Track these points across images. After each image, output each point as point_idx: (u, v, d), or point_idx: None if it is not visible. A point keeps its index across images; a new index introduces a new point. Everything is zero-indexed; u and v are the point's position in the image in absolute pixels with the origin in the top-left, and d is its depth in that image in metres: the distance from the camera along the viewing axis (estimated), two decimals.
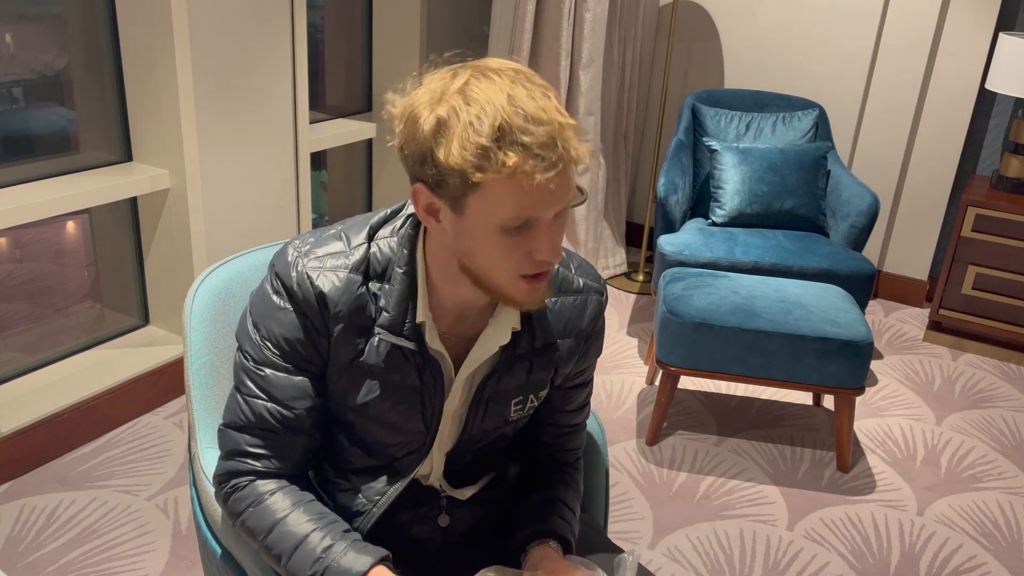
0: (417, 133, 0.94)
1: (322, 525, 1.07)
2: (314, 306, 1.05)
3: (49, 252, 2.60)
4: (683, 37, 3.90)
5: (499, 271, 0.98)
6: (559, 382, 1.22)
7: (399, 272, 1.06)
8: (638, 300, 3.65)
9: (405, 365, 1.08)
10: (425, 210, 0.99)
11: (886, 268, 3.81)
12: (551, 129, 0.91)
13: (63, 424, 2.34)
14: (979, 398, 3.04)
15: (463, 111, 0.91)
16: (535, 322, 1.13)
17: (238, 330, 1.11)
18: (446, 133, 0.91)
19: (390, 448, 1.14)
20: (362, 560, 1.04)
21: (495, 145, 0.89)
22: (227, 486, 1.11)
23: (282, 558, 1.06)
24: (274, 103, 2.69)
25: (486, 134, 0.89)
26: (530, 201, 0.92)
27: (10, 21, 2.26)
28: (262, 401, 1.08)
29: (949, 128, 3.52)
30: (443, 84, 0.95)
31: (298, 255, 1.06)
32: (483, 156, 0.90)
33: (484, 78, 0.93)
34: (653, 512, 2.32)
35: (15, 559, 1.98)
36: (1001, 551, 2.27)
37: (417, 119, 0.94)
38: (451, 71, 0.96)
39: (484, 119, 0.90)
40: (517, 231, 0.95)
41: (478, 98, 0.91)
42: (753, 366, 2.45)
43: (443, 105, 0.92)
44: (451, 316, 1.10)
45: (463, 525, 1.24)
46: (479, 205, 0.93)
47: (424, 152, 0.94)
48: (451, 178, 0.92)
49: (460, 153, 0.90)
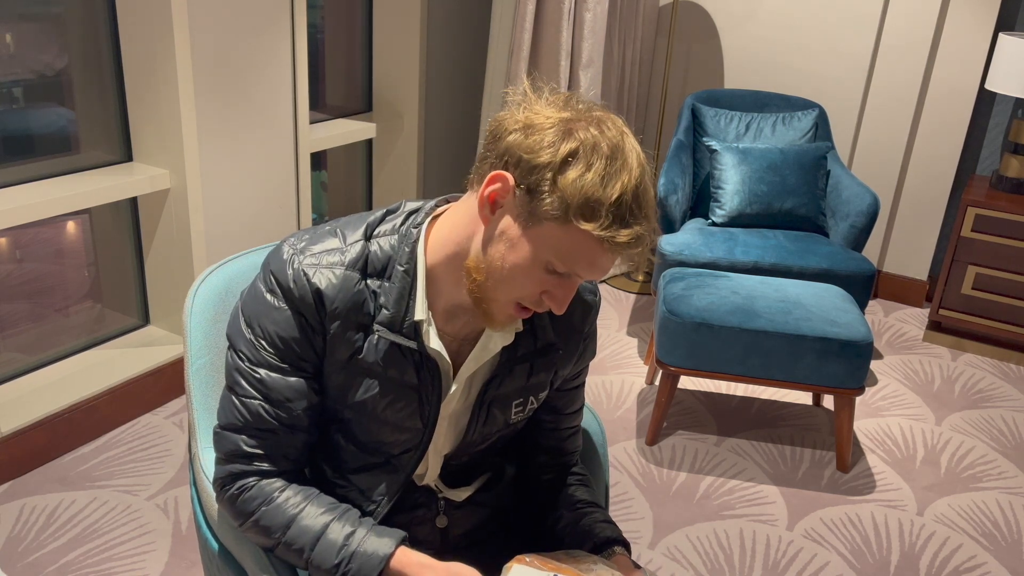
0: (542, 141, 0.95)
1: (338, 514, 1.09)
2: (310, 304, 1.04)
3: (49, 252, 2.60)
4: (683, 37, 3.90)
5: (507, 291, 1.01)
6: (558, 384, 1.23)
7: (399, 270, 1.06)
8: (638, 300, 3.65)
9: (403, 363, 1.09)
10: (491, 195, 0.99)
11: (886, 268, 3.81)
12: (649, 228, 0.96)
13: (63, 424, 2.34)
14: (979, 398, 3.04)
15: (602, 158, 0.94)
16: (535, 323, 1.14)
17: (230, 329, 1.10)
18: (576, 168, 0.94)
19: (386, 446, 1.14)
20: (385, 542, 1.06)
21: (610, 211, 0.93)
22: (232, 488, 1.10)
23: (304, 551, 1.07)
24: (274, 103, 2.69)
25: (610, 197, 0.93)
26: (590, 265, 0.98)
27: (10, 21, 2.26)
28: (258, 401, 1.07)
29: (949, 128, 3.52)
30: (581, 115, 0.97)
31: (294, 252, 1.06)
32: (594, 212, 0.93)
33: (627, 143, 0.96)
34: (653, 512, 2.32)
35: (15, 559, 1.98)
36: (1001, 551, 2.27)
37: (545, 129, 0.96)
38: (591, 107, 1.00)
39: (614, 182, 0.93)
40: (555, 274, 0.99)
41: (619, 158, 0.94)
42: (753, 366, 2.45)
43: (584, 136, 0.94)
44: (446, 315, 1.10)
45: (461, 527, 1.24)
46: (552, 235, 0.96)
47: (543, 162, 0.95)
48: (553, 200, 0.94)
49: (577, 194, 0.93)
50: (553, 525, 1.28)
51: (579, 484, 1.30)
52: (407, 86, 3.43)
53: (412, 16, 3.33)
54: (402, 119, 3.49)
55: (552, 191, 0.94)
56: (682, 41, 3.91)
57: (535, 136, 0.95)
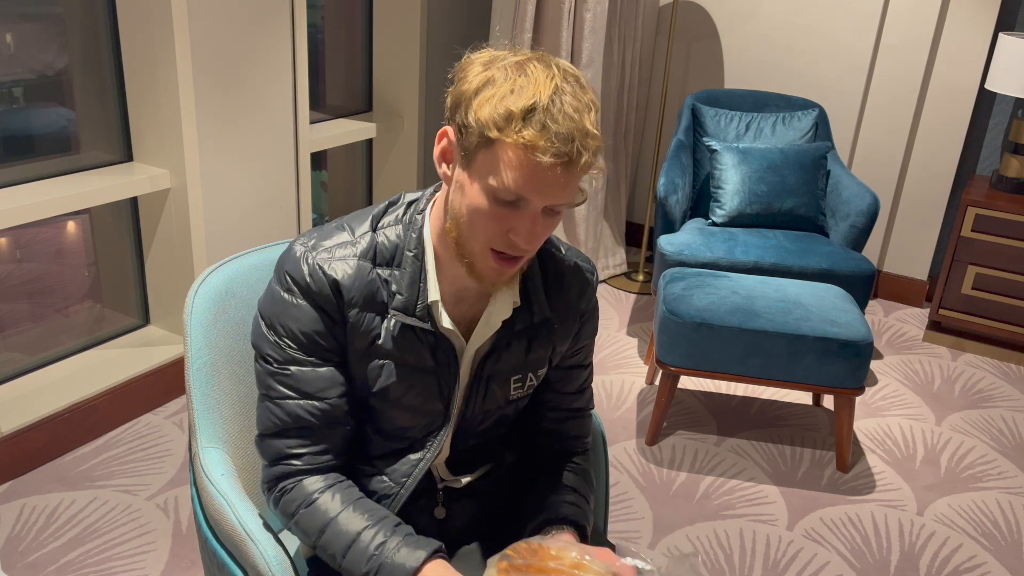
0: (465, 81, 0.99)
1: (373, 522, 1.09)
2: (328, 295, 1.07)
3: (49, 252, 2.61)
4: (683, 37, 3.90)
5: (476, 237, 1.02)
6: (557, 361, 1.24)
7: (409, 256, 1.09)
8: (638, 300, 3.65)
9: (418, 346, 1.11)
10: (441, 153, 1.04)
11: (886, 268, 3.81)
12: (576, 128, 0.96)
13: (63, 424, 2.34)
14: (979, 398, 3.04)
15: (511, 78, 0.96)
16: (532, 298, 1.16)
17: (254, 338, 1.13)
18: (488, 90, 0.97)
19: (410, 431, 1.17)
20: (415, 555, 1.06)
21: (522, 115, 0.94)
22: (276, 490, 1.13)
23: (336, 557, 1.08)
24: (274, 103, 2.69)
25: (520, 104, 0.95)
26: (529, 180, 0.97)
27: (10, 21, 2.26)
28: (293, 400, 1.10)
29: (949, 128, 3.52)
30: (507, 53, 1.01)
31: (306, 250, 1.09)
32: (507, 119, 0.95)
33: (544, 65, 0.98)
34: (653, 512, 2.32)
35: (15, 559, 1.98)
36: (1001, 551, 2.27)
37: (469, 71, 1.00)
38: (526, 51, 1.02)
39: (525, 91, 0.95)
40: (506, 204, 1.00)
41: (530, 75, 0.96)
42: (753, 366, 2.45)
43: (498, 68, 0.98)
44: (454, 298, 1.13)
45: (460, 518, 1.25)
46: (485, 162, 0.98)
47: (463, 99, 0.99)
48: (473, 128, 0.97)
49: (491, 110, 0.96)
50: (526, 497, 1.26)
51: (571, 471, 1.27)
52: (407, 86, 3.43)
53: (412, 16, 3.33)
54: (402, 119, 3.49)
55: (473, 120, 0.97)
56: (682, 41, 3.91)
57: (460, 81, 1.01)
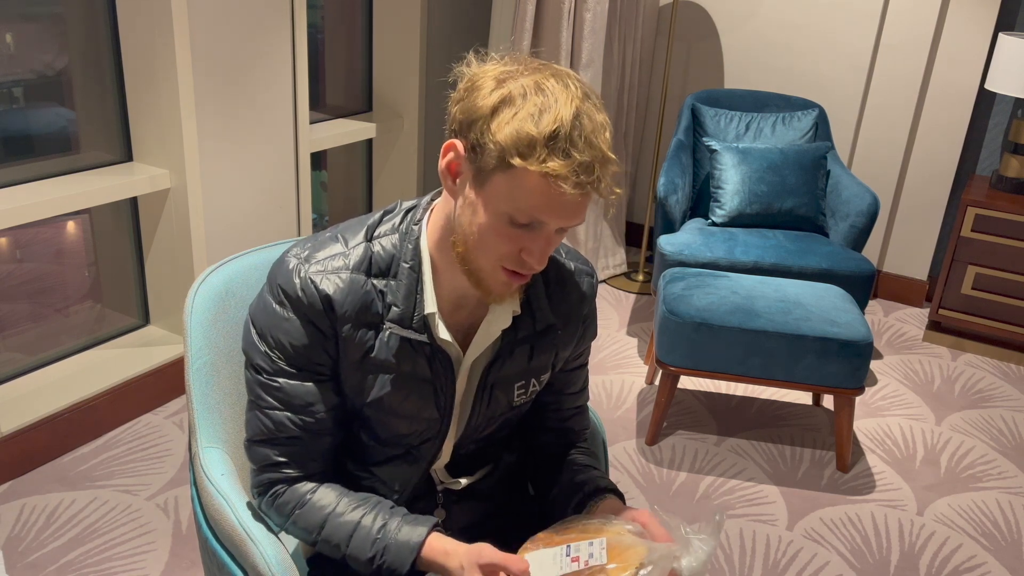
0: (478, 97, 0.96)
1: (369, 508, 1.12)
2: (320, 311, 1.06)
3: (49, 252, 2.61)
4: (683, 37, 3.90)
5: (487, 255, 1.01)
6: (560, 365, 1.24)
7: (405, 267, 1.08)
8: (638, 300, 3.65)
9: (415, 357, 1.11)
10: (448, 166, 1.02)
11: (886, 268, 3.81)
12: (597, 156, 0.94)
13: (63, 424, 2.34)
14: (979, 398, 3.04)
15: (531, 98, 0.94)
16: (534, 305, 1.16)
17: (244, 344, 1.13)
18: (507, 110, 0.94)
19: (406, 438, 1.17)
20: (417, 531, 1.09)
21: (545, 142, 0.92)
22: (268, 495, 1.15)
23: (341, 546, 1.10)
24: (274, 103, 2.69)
25: (543, 130, 0.92)
26: (547, 207, 0.96)
27: (10, 21, 2.26)
28: (280, 412, 1.10)
29: (949, 128, 3.52)
30: (520, 67, 0.98)
31: (299, 262, 1.08)
32: (530, 146, 0.93)
33: (561, 82, 0.96)
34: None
35: (15, 559, 1.98)
36: (1001, 551, 2.27)
37: (482, 86, 0.97)
38: (532, 61, 1.00)
39: (547, 115, 0.93)
40: (521, 227, 0.98)
41: (549, 94, 0.94)
42: (753, 366, 2.45)
43: (515, 84, 0.95)
44: (451, 305, 1.12)
45: (460, 520, 1.26)
46: (502, 186, 0.96)
47: (477, 116, 0.96)
48: (491, 150, 0.95)
49: (512, 133, 0.93)
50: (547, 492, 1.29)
51: (583, 454, 1.31)
52: (407, 86, 3.43)
53: (412, 16, 3.34)
54: (402, 119, 3.49)
55: (491, 141, 0.95)
56: (682, 41, 3.91)
57: (473, 95, 0.97)
